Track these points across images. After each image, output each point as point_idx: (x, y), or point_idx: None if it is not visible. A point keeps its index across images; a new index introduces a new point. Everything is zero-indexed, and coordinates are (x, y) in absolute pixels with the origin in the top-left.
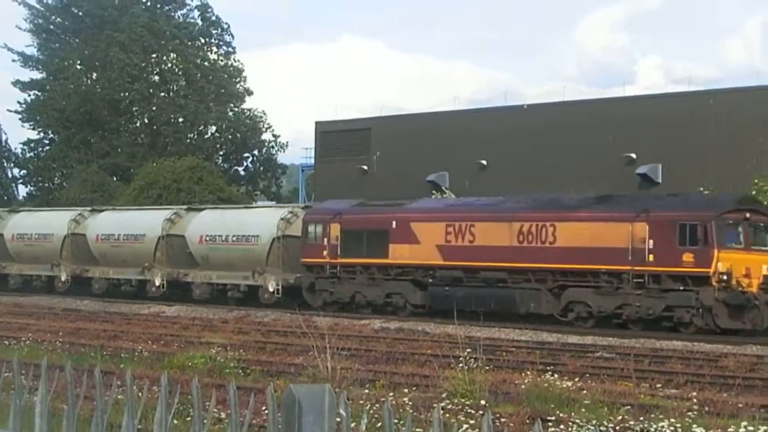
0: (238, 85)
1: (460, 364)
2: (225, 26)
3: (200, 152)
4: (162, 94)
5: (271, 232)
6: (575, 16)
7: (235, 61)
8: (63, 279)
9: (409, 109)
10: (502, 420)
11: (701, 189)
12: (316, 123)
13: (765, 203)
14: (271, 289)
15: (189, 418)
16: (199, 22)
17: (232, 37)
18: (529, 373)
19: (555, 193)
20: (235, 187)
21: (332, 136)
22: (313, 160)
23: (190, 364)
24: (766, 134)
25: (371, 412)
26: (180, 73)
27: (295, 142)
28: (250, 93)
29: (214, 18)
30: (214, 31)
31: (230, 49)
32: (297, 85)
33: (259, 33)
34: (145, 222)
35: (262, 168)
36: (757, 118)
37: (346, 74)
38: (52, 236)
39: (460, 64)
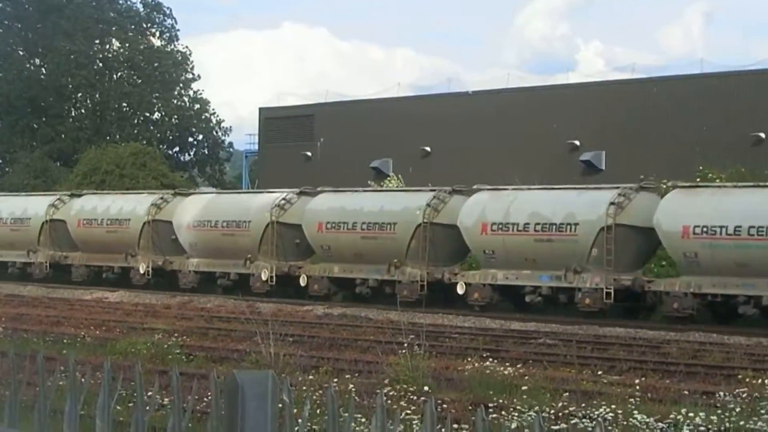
0: (183, 72)
1: (403, 351)
2: (167, 12)
3: (144, 138)
4: (107, 80)
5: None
6: (517, 3)
7: (182, 47)
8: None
9: (353, 96)
10: (445, 406)
11: (643, 176)
12: (260, 109)
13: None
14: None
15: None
16: (141, 8)
17: (175, 21)
18: (472, 359)
19: None
20: (178, 172)
21: (276, 123)
22: (256, 147)
23: (133, 350)
24: (710, 122)
25: (314, 398)
26: (123, 60)
27: (238, 128)
28: (195, 79)
29: (155, 3)
30: (157, 17)
31: (173, 35)
32: (240, 71)
33: (201, 20)
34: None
35: (206, 153)
36: (701, 106)
37: (290, 61)
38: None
39: (403, 51)
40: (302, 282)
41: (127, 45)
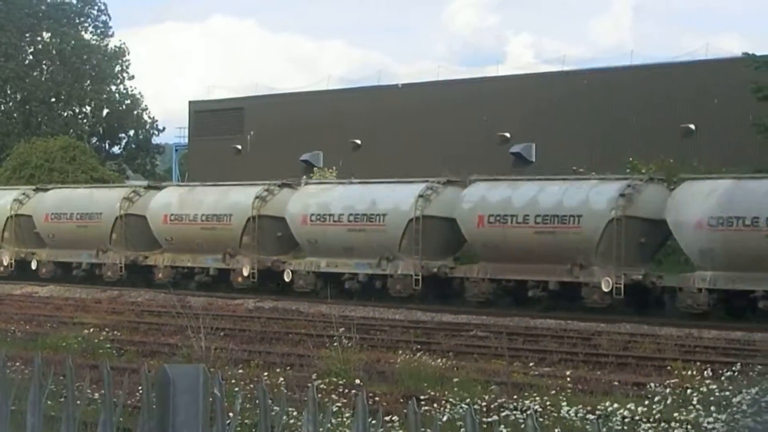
0: (116, 67)
1: (335, 344)
2: (102, 7)
3: (74, 132)
4: (36, 73)
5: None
6: None
7: (119, 42)
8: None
9: (283, 89)
10: (377, 399)
11: (575, 168)
12: (190, 102)
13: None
14: (245, 273)
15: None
16: (74, 1)
17: (109, 17)
18: (403, 352)
19: None
20: (108, 166)
21: (206, 116)
22: (186, 140)
23: (63, 344)
24: (639, 114)
25: (246, 391)
26: (54, 52)
27: (168, 121)
28: (129, 76)
29: None
30: (90, 12)
31: (106, 30)
32: (170, 64)
33: (132, 12)
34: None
35: (136, 147)
36: (631, 98)
37: (219, 54)
38: None
39: (332, 43)
40: (287, 277)
41: (57, 38)
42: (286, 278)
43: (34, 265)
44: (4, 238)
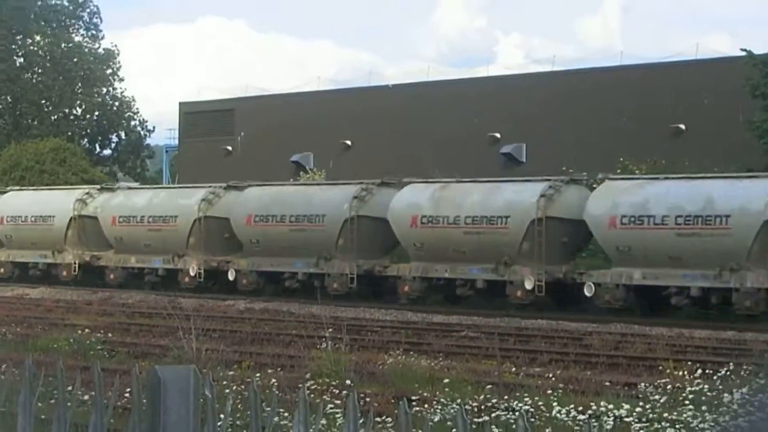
0: (108, 70)
1: (325, 344)
2: (94, 9)
3: (64, 134)
4: (27, 75)
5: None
6: None
7: (110, 45)
8: None
9: (273, 90)
10: (368, 399)
11: (565, 168)
12: (180, 104)
13: None
14: (192, 273)
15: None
16: (66, 3)
17: (101, 20)
18: (394, 352)
19: None
20: (99, 168)
21: (196, 117)
22: (177, 141)
23: (54, 346)
24: (629, 114)
25: (237, 393)
26: (45, 55)
27: (158, 122)
28: (120, 79)
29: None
30: (82, 14)
31: (98, 33)
32: (159, 66)
33: (120, 14)
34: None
35: (126, 150)
36: (621, 98)
37: (209, 55)
38: None
39: (322, 43)
40: (231, 276)
41: (47, 40)
42: (230, 277)
43: None
44: None
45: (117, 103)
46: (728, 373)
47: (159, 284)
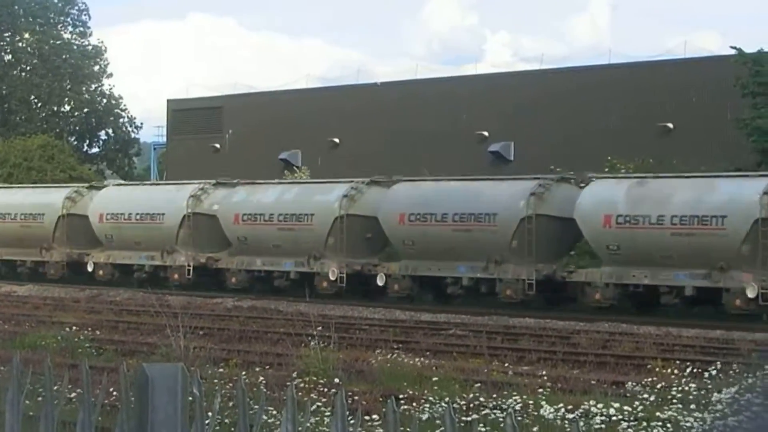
0: (96, 66)
1: (313, 343)
2: (82, 6)
3: (52, 130)
4: (15, 72)
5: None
6: None
7: (98, 42)
8: None
9: (261, 87)
10: (356, 398)
11: (553, 167)
12: (168, 101)
13: None
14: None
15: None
16: (55, 0)
17: (89, 17)
18: (382, 351)
19: None
20: (87, 165)
21: (184, 114)
22: (165, 138)
23: (42, 343)
24: (618, 113)
25: (225, 391)
26: (34, 52)
27: (146, 120)
28: (108, 75)
29: None
30: (71, 11)
31: (86, 30)
32: (148, 62)
33: (108, 11)
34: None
35: (115, 147)
36: (609, 96)
37: (198, 52)
38: None
39: (311, 41)
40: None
41: (36, 37)
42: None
43: None
44: None
45: (105, 100)
46: (716, 372)
47: (146, 281)
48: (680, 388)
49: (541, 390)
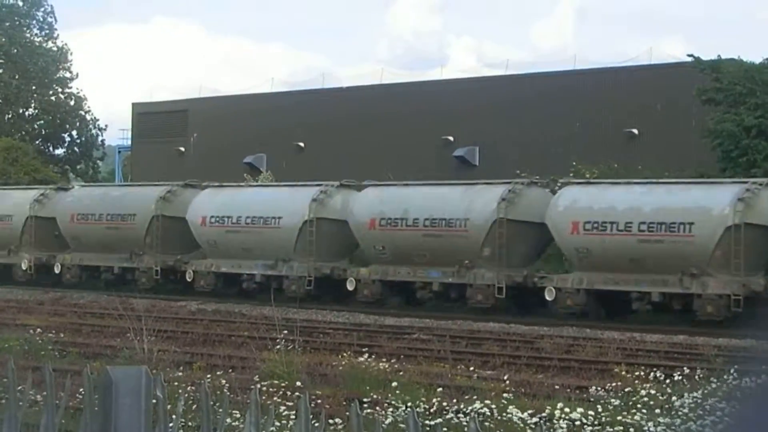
0: (61, 70)
1: (277, 346)
2: (48, 9)
3: (18, 133)
4: None
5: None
6: None
7: (63, 44)
8: None
9: (226, 91)
10: (320, 401)
11: (518, 172)
12: (133, 104)
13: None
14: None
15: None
16: (21, 3)
17: (55, 19)
18: (346, 354)
19: None
20: (51, 167)
21: (149, 118)
22: (129, 142)
23: (6, 346)
24: (583, 118)
25: (188, 394)
26: (1, 54)
27: (111, 123)
28: (73, 78)
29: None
30: (36, 14)
31: (52, 32)
32: (113, 66)
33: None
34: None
35: (79, 150)
36: (574, 102)
37: (162, 55)
38: None
39: (275, 45)
40: (188, 277)
41: (3, 39)
42: (188, 278)
43: None
44: None
45: (72, 101)
46: (681, 377)
47: (114, 283)
48: (644, 392)
49: (505, 394)
